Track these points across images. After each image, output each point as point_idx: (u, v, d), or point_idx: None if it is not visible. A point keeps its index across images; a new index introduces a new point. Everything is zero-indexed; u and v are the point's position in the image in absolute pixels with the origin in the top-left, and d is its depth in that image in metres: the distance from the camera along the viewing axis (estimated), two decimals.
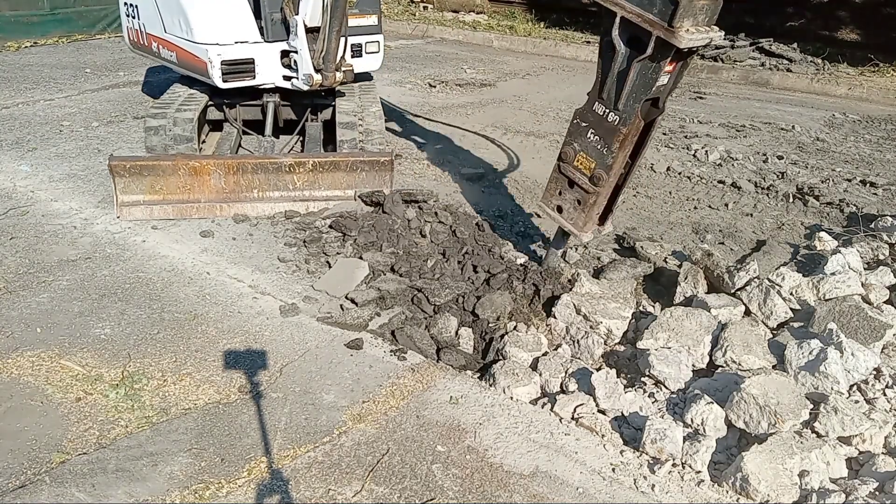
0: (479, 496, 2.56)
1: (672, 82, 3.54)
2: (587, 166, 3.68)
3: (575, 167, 3.75)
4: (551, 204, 3.95)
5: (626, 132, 3.50)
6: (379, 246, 4.38)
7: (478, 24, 14.33)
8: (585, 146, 3.68)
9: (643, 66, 3.34)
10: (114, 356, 3.28)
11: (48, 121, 6.84)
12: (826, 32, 12.21)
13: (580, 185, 3.75)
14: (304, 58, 5.33)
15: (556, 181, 3.90)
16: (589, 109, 3.65)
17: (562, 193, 3.88)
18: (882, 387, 3.06)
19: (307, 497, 2.52)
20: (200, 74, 5.53)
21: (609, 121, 3.54)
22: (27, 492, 2.48)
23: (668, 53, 3.24)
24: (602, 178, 3.64)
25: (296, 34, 5.29)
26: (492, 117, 7.85)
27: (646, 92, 3.39)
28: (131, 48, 6.73)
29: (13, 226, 4.55)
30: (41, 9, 10.90)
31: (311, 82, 5.34)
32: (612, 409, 3.04)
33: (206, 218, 4.77)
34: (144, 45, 6.25)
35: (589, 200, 3.75)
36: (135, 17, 6.23)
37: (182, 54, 5.61)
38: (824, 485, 2.59)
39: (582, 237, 3.89)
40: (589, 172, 3.68)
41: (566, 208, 3.87)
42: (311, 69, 5.31)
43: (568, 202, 3.86)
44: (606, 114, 3.55)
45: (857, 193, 5.81)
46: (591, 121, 3.65)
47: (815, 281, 3.77)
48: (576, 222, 3.84)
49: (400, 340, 3.51)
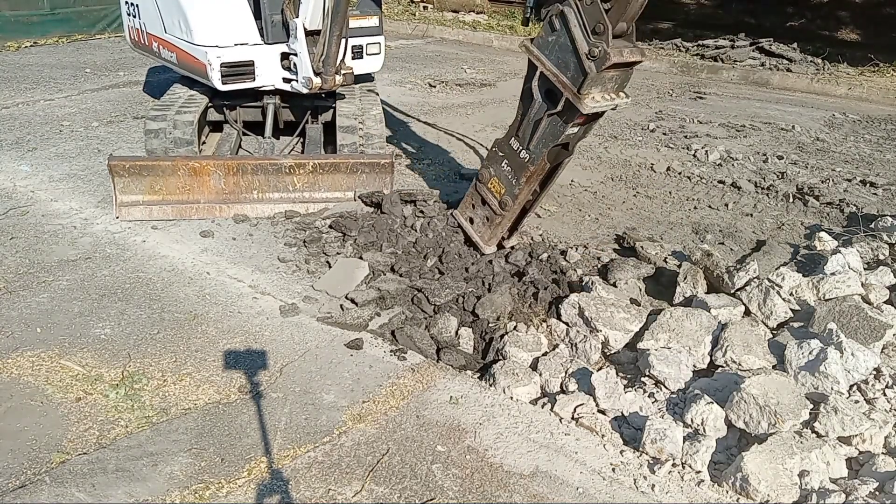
0: (479, 496, 2.56)
1: (582, 132, 3.95)
2: (498, 191, 4.13)
3: (488, 189, 4.19)
4: (465, 215, 4.41)
5: (533, 170, 3.94)
6: (379, 246, 4.38)
7: (478, 24, 14.33)
8: (499, 173, 4.11)
9: (554, 120, 3.73)
10: (114, 356, 3.29)
11: (48, 121, 6.84)
12: (826, 32, 12.22)
13: (490, 206, 4.20)
14: (303, 61, 5.31)
15: (472, 196, 4.35)
16: (506, 142, 4.04)
17: (475, 208, 4.35)
18: (882, 387, 3.06)
19: (307, 497, 2.52)
20: (200, 76, 5.52)
21: (521, 157, 3.95)
22: (27, 492, 2.48)
23: (574, 115, 3.64)
24: (508, 204, 4.10)
25: (295, 37, 5.27)
26: (492, 117, 7.84)
27: (554, 140, 3.80)
28: (132, 47, 6.72)
29: (13, 226, 4.56)
30: (41, 9, 10.90)
31: (311, 86, 5.32)
32: (612, 409, 3.03)
33: (205, 218, 4.78)
34: (145, 44, 6.24)
35: (495, 221, 4.23)
36: (136, 16, 6.22)
37: (182, 55, 5.60)
38: (824, 485, 2.59)
39: (485, 249, 4.33)
40: (498, 197, 4.13)
41: (476, 222, 4.36)
42: (310, 72, 5.29)
43: (479, 217, 4.33)
44: (519, 150, 3.96)
45: (857, 193, 5.81)
46: (506, 152, 4.05)
47: (815, 281, 3.77)
48: (482, 236, 4.32)
49: (400, 340, 3.51)
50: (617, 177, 6.09)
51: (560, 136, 3.77)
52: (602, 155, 6.73)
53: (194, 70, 5.55)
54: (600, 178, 6.04)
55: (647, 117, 8.28)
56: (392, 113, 7.66)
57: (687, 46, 12.43)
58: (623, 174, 6.16)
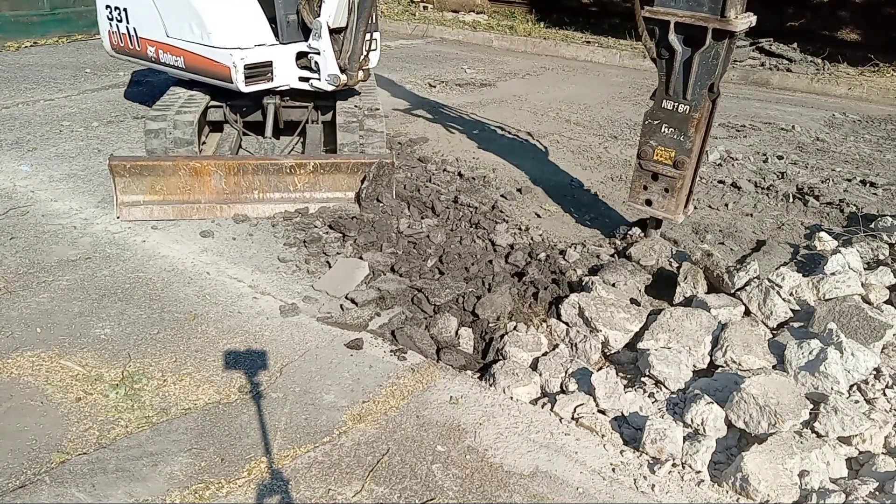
0: (479, 496, 2.56)
1: (723, 67, 4.02)
2: (668, 156, 4.23)
3: (656, 161, 4.29)
4: (639, 200, 4.48)
5: (699, 117, 4.09)
6: (379, 246, 4.38)
7: (478, 24, 14.33)
8: (661, 140, 4.23)
9: (704, 56, 3.92)
10: (114, 356, 3.29)
11: (48, 121, 6.84)
12: (826, 32, 12.20)
13: (665, 175, 4.29)
14: (328, 59, 5.31)
15: (640, 178, 4.43)
16: (658, 108, 4.20)
17: (647, 188, 4.41)
18: (882, 387, 3.06)
19: (307, 497, 2.52)
20: (219, 79, 5.42)
21: (680, 111, 4.12)
22: (27, 492, 2.48)
23: (723, 39, 3.84)
24: (685, 161, 4.18)
25: (319, 35, 5.25)
26: (492, 117, 7.85)
27: (710, 77, 3.97)
28: (113, 53, 6.37)
29: (13, 226, 4.56)
30: (41, 9, 10.89)
31: (338, 82, 5.35)
32: (612, 409, 3.04)
33: (206, 218, 4.78)
34: (135, 49, 6.03)
35: (676, 185, 4.28)
36: (122, 20, 6.00)
37: (193, 59, 5.51)
38: (824, 485, 2.59)
39: (676, 219, 4.42)
40: (671, 161, 4.22)
41: (655, 199, 4.39)
42: (336, 69, 5.31)
43: (656, 193, 4.38)
44: (676, 106, 4.12)
45: (857, 193, 5.81)
46: (662, 117, 4.20)
47: (815, 281, 3.77)
48: (668, 208, 4.37)
49: (400, 340, 3.51)
50: (617, 177, 6.09)
51: (714, 70, 3.95)
52: (602, 155, 6.73)
53: (211, 73, 5.45)
54: (600, 178, 6.04)
55: None
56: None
57: None
58: (623, 174, 6.16)
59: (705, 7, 3.81)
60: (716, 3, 3.76)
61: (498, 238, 4.59)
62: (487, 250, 4.50)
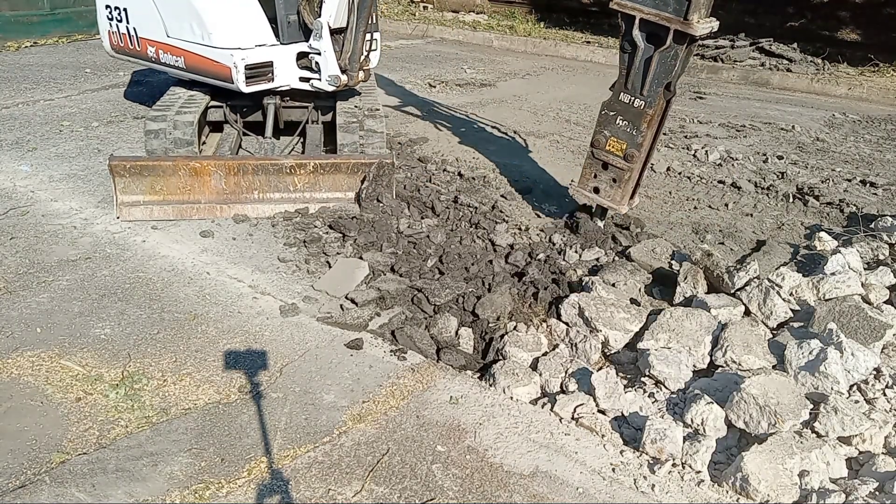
0: (479, 496, 2.56)
1: (681, 68, 4.15)
2: (619, 148, 4.36)
3: (608, 151, 4.42)
4: (588, 187, 4.61)
5: (652, 113, 4.22)
6: (379, 246, 4.38)
7: (478, 24, 14.33)
8: (615, 132, 4.36)
9: (663, 56, 4.04)
10: (114, 356, 3.29)
11: (48, 121, 6.84)
12: (826, 32, 12.20)
13: (615, 165, 4.42)
14: (329, 59, 5.31)
15: (591, 166, 4.57)
16: (615, 100, 4.32)
17: (597, 176, 4.55)
18: (882, 387, 3.06)
19: (307, 497, 2.52)
20: (219, 79, 5.42)
21: (635, 106, 4.24)
22: (27, 492, 2.48)
23: (683, 41, 3.96)
24: (635, 155, 4.32)
25: (319, 36, 5.26)
26: (492, 117, 7.85)
27: (667, 76, 4.10)
28: (112, 53, 6.35)
29: (13, 226, 4.56)
30: (41, 9, 10.89)
31: (339, 83, 5.36)
32: (612, 409, 3.04)
33: (206, 218, 4.77)
34: (135, 49, 6.01)
35: (624, 177, 4.42)
36: (121, 20, 5.97)
37: (194, 59, 5.50)
38: (824, 485, 2.59)
39: (620, 209, 4.54)
40: (622, 153, 4.36)
41: (603, 188, 4.53)
42: (336, 70, 5.32)
43: (604, 182, 4.52)
44: (632, 101, 4.24)
45: (857, 193, 5.81)
46: (618, 109, 4.32)
47: (815, 281, 3.77)
48: (613, 198, 4.50)
49: (400, 340, 3.51)
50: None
51: (671, 70, 4.09)
52: None
53: (211, 73, 5.45)
54: None
55: None
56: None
57: None
58: None
59: (670, 7, 3.89)
60: (680, 4, 3.84)
61: (498, 238, 4.59)
62: (487, 250, 4.50)
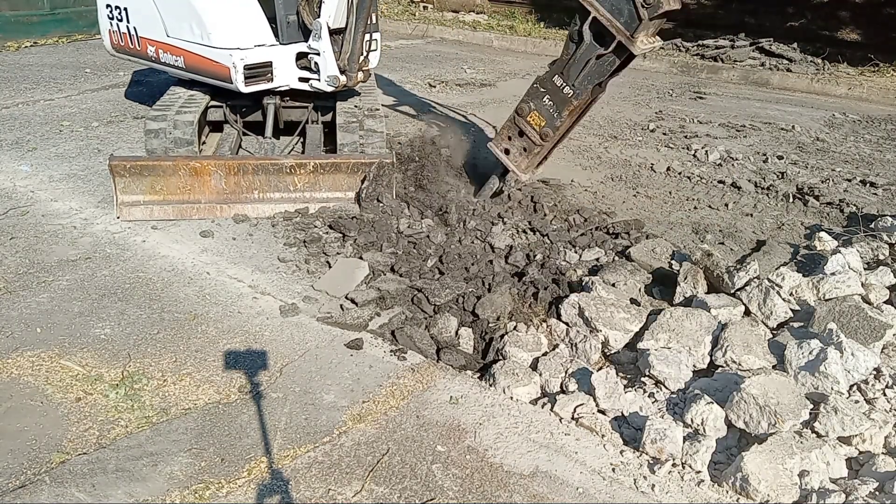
0: (479, 496, 2.56)
1: (615, 73, 4.38)
2: (538, 123, 4.56)
3: (527, 122, 4.61)
4: (500, 146, 4.81)
5: (577, 105, 4.45)
6: (379, 246, 4.38)
7: (478, 24, 14.33)
8: (539, 107, 4.54)
9: (602, 60, 4.25)
10: (114, 356, 3.29)
11: (48, 121, 6.84)
12: (826, 32, 12.20)
13: (529, 137, 4.63)
14: (328, 60, 5.32)
15: (509, 129, 4.75)
16: (549, 79, 4.48)
17: (511, 139, 4.75)
18: (882, 387, 3.06)
19: (307, 497, 2.52)
20: (219, 79, 5.42)
21: (564, 92, 4.41)
22: (27, 492, 2.48)
23: (623, 54, 4.19)
24: (549, 135, 4.56)
25: (319, 36, 5.26)
26: (492, 117, 7.84)
27: (599, 77, 4.34)
28: (113, 52, 6.28)
29: (13, 226, 4.56)
30: (41, 9, 10.89)
31: (338, 84, 5.37)
32: (612, 409, 3.04)
33: (206, 218, 4.78)
34: (135, 49, 5.99)
35: (534, 151, 4.68)
36: (122, 19, 5.95)
37: (193, 59, 5.49)
38: (824, 485, 2.59)
39: (522, 177, 4.84)
40: (538, 129, 4.56)
41: (513, 152, 4.75)
42: (335, 70, 5.33)
43: (515, 148, 4.74)
44: (563, 87, 4.41)
45: (857, 193, 5.81)
46: (548, 88, 4.49)
47: (815, 281, 3.77)
48: (519, 165, 4.75)
49: (400, 340, 3.51)
50: (617, 177, 6.09)
51: (605, 74, 4.31)
52: (602, 155, 6.73)
53: (210, 73, 5.44)
54: (600, 178, 6.04)
55: (647, 117, 8.28)
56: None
57: (687, 46, 12.42)
58: (623, 174, 6.16)
59: (623, 18, 4.06)
60: (631, 20, 4.02)
61: (496, 241, 4.58)
62: (487, 251, 4.50)
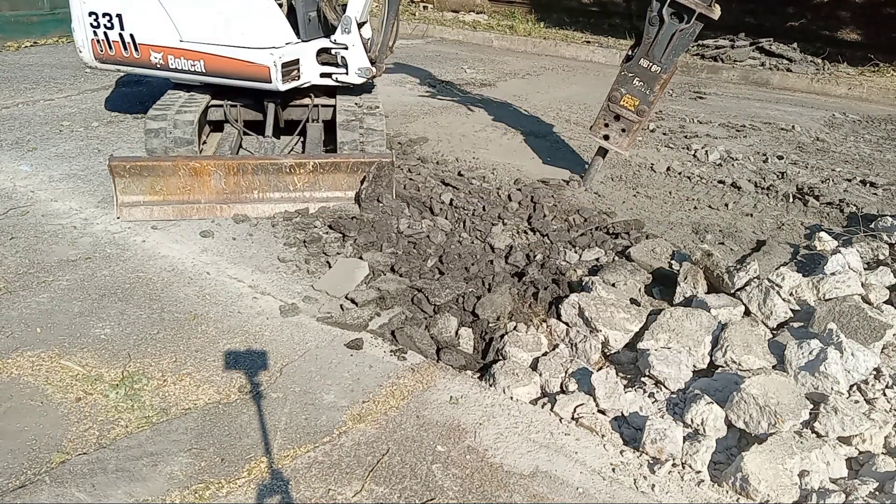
0: (479, 496, 2.56)
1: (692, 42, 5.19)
2: (633, 104, 5.31)
3: (622, 106, 5.35)
4: (600, 133, 5.54)
5: (667, 78, 5.20)
6: (379, 246, 4.38)
7: (478, 24, 14.33)
8: (631, 90, 5.29)
9: (684, 33, 4.98)
10: (114, 356, 3.29)
11: (48, 121, 6.84)
12: (826, 32, 12.21)
13: (626, 118, 5.37)
14: (358, 52, 5.53)
15: (604, 117, 5.48)
16: (636, 64, 5.21)
17: (608, 126, 5.48)
18: (882, 387, 3.06)
19: (307, 497, 2.52)
20: (253, 80, 5.39)
21: (652, 71, 5.17)
22: (27, 492, 2.48)
23: (703, 22, 4.94)
24: (645, 111, 5.32)
25: (348, 30, 5.45)
26: (492, 117, 7.85)
27: (683, 49, 5.12)
28: (96, 63, 5.88)
29: (13, 226, 4.56)
30: (41, 9, 10.89)
31: (370, 74, 5.62)
32: (612, 409, 3.04)
33: (206, 218, 4.78)
34: (131, 57, 5.70)
35: (633, 128, 5.41)
36: (112, 27, 5.66)
37: (218, 62, 5.41)
38: (824, 485, 2.59)
39: (625, 154, 5.66)
40: (634, 108, 5.30)
41: (612, 136, 5.48)
42: (366, 62, 5.54)
43: (614, 131, 5.47)
44: (650, 66, 5.16)
45: (857, 193, 5.81)
46: (636, 72, 5.23)
47: (815, 281, 3.77)
48: (620, 144, 5.49)
49: (400, 340, 3.51)
50: (617, 177, 6.09)
51: (687, 45, 5.14)
52: None
53: (241, 74, 5.39)
54: (600, 178, 6.04)
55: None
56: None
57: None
58: (623, 174, 6.16)
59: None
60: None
61: (496, 241, 4.59)
62: (487, 251, 4.50)
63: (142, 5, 5.49)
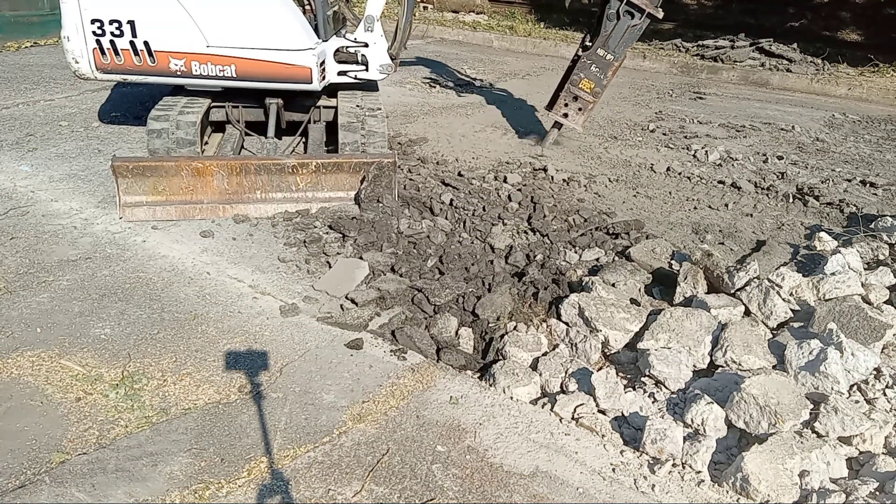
0: (479, 496, 2.56)
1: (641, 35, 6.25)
2: (589, 87, 6.32)
3: (580, 88, 6.34)
4: (560, 113, 6.49)
5: (618, 65, 6.26)
6: (379, 246, 4.38)
7: (478, 24, 14.33)
8: (588, 75, 6.27)
9: (635, 28, 6.03)
10: (114, 356, 3.29)
11: (48, 121, 6.85)
12: (826, 32, 12.21)
13: (583, 98, 6.37)
14: (380, 49, 5.80)
15: (564, 97, 6.44)
16: (593, 53, 6.20)
17: (567, 105, 6.45)
18: (882, 387, 3.06)
19: (307, 497, 2.52)
20: (291, 82, 5.40)
21: (607, 59, 6.20)
22: (27, 492, 2.48)
23: (650, 20, 6.02)
24: (599, 93, 6.37)
25: (371, 29, 5.70)
26: (492, 117, 7.85)
27: (632, 41, 6.21)
28: (98, 74, 5.66)
29: (13, 226, 4.56)
30: (41, 9, 10.89)
31: (391, 70, 5.90)
32: (612, 409, 3.04)
33: (208, 218, 4.78)
34: (144, 66, 5.45)
35: (588, 108, 6.45)
36: (121, 35, 5.36)
37: (252, 66, 5.34)
38: (824, 485, 2.59)
39: (580, 129, 6.61)
40: (590, 90, 6.32)
41: (571, 114, 6.47)
42: (387, 59, 5.83)
43: (572, 110, 6.46)
44: (605, 55, 6.18)
45: (857, 193, 5.81)
46: (594, 59, 6.21)
47: (815, 281, 3.77)
48: (577, 122, 6.49)
49: (400, 340, 3.51)
50: (617, 177, 6.09)
51: (636, 38, 6.17)
52: (602, 155, 6.73)
53: (279, 77, 5.37)
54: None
55: (647, 118, 8.28)
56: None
57: (687, 47, 12.43)
58: (623, 174, 6.16)
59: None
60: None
61: (496, 241, 4.59)
62: (487, 251, 4.50)
63: (160, 11, 5.25)
